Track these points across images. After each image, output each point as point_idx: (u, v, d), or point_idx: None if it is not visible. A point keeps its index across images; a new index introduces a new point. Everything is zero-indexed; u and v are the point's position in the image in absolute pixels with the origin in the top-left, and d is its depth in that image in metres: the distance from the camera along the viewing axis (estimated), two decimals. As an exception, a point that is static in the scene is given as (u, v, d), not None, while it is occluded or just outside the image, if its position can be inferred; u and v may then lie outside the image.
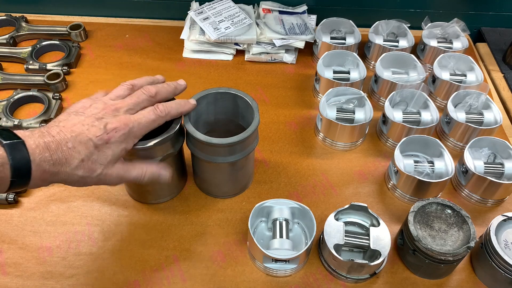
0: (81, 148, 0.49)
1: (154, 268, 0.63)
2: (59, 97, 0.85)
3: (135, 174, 0.55)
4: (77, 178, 0.49)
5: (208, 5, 1.00)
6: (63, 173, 0.48)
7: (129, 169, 0.54)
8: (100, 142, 0.50)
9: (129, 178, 0.55)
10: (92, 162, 0.50)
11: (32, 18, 1.05)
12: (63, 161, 0.48)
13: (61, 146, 0.48)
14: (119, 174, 0.53)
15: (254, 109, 0.64)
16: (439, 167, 0.71)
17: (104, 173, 0.51)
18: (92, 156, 0.50)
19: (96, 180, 0.51)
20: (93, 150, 0.50)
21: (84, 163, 0.49)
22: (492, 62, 1.01)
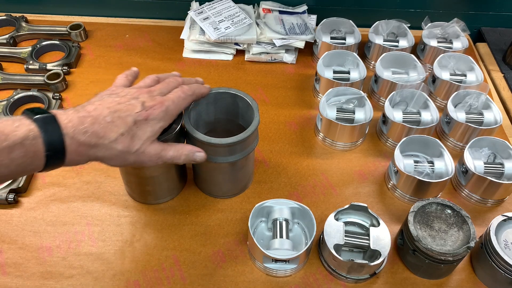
0: (120, 123, 0.49)
1: (154, 268, 0.63)
2: (59, 97, 0.85)
3: (171, 154, 0.55)
4: (116, 152, 0.49)
5: (208, 5, 1.00)
6: (102, 146, 0.48)
7: (166, 148, 0.55)
8: (139, 118, 0.50)
9: (166, 157, 0.55)
10: (131, 137, 0.50)
11: (32, 18, 1.05)
12: (101, 134, 0.48)
13: (99, 120, 0.48)
14: (157, 151, 0.53)
15: (254, 109, 0.64)
16: (439, 167, 0.71)
17: (143, 149, 0.51)
18: (132, 131, 0.50)
19: (134, 156, 0.51)
20: (132, 126, 0.50)
21: (123, 137, 0.49)
22: (492, 62, 1.01)
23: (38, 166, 0.45)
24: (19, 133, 0.43)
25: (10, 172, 0.43)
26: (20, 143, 0.42)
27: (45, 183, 0.72)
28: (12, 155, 0.42)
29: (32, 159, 0.43)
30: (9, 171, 0.43)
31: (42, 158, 0.44)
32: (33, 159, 0.44)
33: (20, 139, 0.42)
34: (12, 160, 0.42)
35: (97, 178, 0.73)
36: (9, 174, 0.43)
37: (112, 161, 0.51)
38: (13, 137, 0.42)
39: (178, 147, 0.56)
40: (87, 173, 0.74)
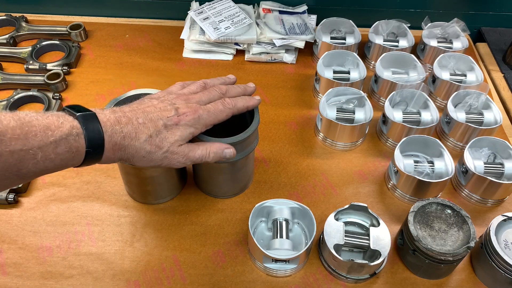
0: (151, 125, 0.51)
1: (154, 268, 0.63)
2: (59, 97, 0.85)
3: (199, 153, 0.56)
4: (144, 153, 0.51)
5: (208, 5, 1.00)
6: (132, 147, 0.50)
7: (194, 148, 0.56)
8: (170, 123, 0.52)
9: (194, 157, 0.55)
10: (160, 139, 0.52)
11: (32, 18, 1.05)
12: (133, 135, 0.49)
13: (132, 120, 0.50)
14: (185, 152, 0.54)
15: (254, 109, 0.64)
16: (439, 167, 0.71)
17: (171, 151, 0.53)
18: (161, 134, 0.52)
19: (161, 157, 0.52)
20: (162, 129, 0.52)
21: (152, 139, 0.51)
22: (492, 62, 1.01)
23: (78, 161, 0.46)
24: (64, 129, 0.44)
25: (54, 166, 0.44)
26: (65, 139, 0.44)
27: (45, 183, 0.72)
28: (58, 150, 0.44)
29: (74, 155, 0.45)
30: (53, 165, 0.44)
31: (83, 154, 0.46)
32: (75, 155, 0.45)
33: (65, 135, 0.44)
34: (57, 154, 0.44)
35: (97, 178, 0.73)
36: (52, 168, 0.44)
37: (140, 162, 0.52)
38: (59, 133, 0.44)
39: (207, 145, 0.57)
40: (87, 173, 0.74)
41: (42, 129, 0.43)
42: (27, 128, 0.42)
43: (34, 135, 0.42)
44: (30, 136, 0.42)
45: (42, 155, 0.42)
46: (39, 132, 0.42)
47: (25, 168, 0.42)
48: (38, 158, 0.42)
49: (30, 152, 0.42)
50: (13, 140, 0.41)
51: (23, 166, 0.42)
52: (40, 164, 0.43)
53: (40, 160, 0.43)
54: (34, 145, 0.42)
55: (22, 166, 0.42)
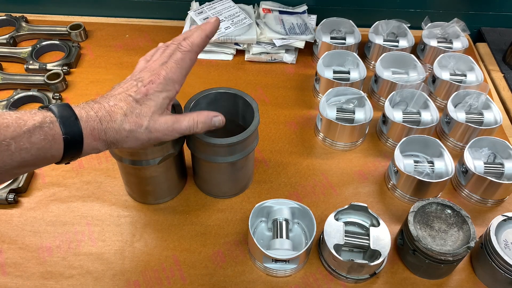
0: (122, 104, 0.50)
1: (154, 268, 0.63)
2: (59, 97, 0.85)
3: (186, 124, 0.55)
4: (126, 133, 0.50)
5: (208, 5, 1.00)
6: (111, 130, 0.49)
7: (179, 119, 0.54)
8: (139, 96, 0.51)
9: (181, 128, 0.54)
10: (136, 115, 0.51)
11: (32, 18, 1.05)
12: (108, 118, 0.49)
13: (103, 105, 0.50)
14: (169, 125, 0.53)
15: (254, 109, 0.64)
16: (439, 167, 0.71)
17: (152, 125, 0.52)
18: (135, 110, 0.51)
19: (146, 133, 0.52)
20: (134, 105, 0.51)
21: (128, 117, 0.50)
22: (492, 62, 1.01)
23: (58, 151, 0.46)
24: (37, 117, 0.44)
25: (32, 157, 0.44)
26: (39, 127, 0.44)
27: (45, 183, 0.72)
28: (32, 139, 0.43)
29: (51, 143, 0.45)
30: (30, 155, 0.43)
31: (60, 142, 0.45)
32: (52, 143, 0.45)
33: (38, 123, 0.44)
34: (33, 144, 0.43)
35: (97, 178, 0.73)
36: (31, 159, 0.44)
37: (126, 143, 0.51)
38: (31, 122, 0.43)
39: (193, 115, 0.56)
40: (87, 173, 0.74)
41: (14, 120, 0.42)
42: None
43: (6, 126, 0.42)
44: (2, 128, 0.41)
45: (16, 145, 0.42)
46: (11, 124, 0.42)
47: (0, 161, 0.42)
48: (12, 149, 0.42)
49: (3, 143, 0.41)
50: None
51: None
52: (16, 155, 0.42)
53: (15, 151, 0.42)
54: (6, 136, 0.42)
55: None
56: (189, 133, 0.56)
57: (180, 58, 0.55)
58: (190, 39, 0.56)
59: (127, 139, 0.51)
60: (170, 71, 0.54)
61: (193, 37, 0.56)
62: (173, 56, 0.55)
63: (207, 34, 0.57)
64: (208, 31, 0.57)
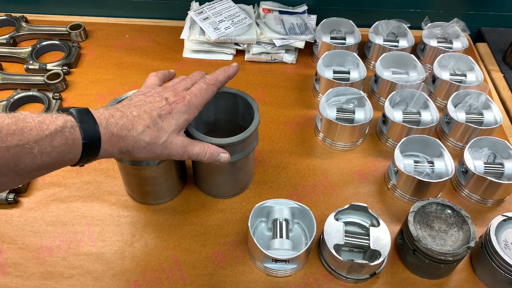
0: (146, 116, 0.52)
1: (154, 268, 0.63)
2: (59, 97, 0.85)
3: (197, 150, 0.58)
4: (144, 144, 0.52)
5: (208, 5, 1.00)
6: (131, 138, 0.51)
7: (192, 143, 0.57)
8: (163, 112, 0.54)
9: (192, 152, 0.57)
10: (157, 129, 0.53)
11: (32, 18, 1.05)
12: (129, 127, 0.51)
13: (126, 114, 0.51)
14: (183, 145, 0.56)
15: (254, 109, 0.64)
16: (439, 167, 0.71)
17: (169, 141, 0.54)
18: (157, 124, 0.53)
19: (162, 148, 0.54)
20: (157, 119, 0.53)
21: (149, 130, 0.52)
22: (492, 62, 1.01)
23: (76, 155, 0.47)
24: (59, 122, 0.45)
25: (52, 161, 0.45)
26: (61, 131, 0.45)
27: (45, 183, 0.72)
28: (54, 143, 0.44)
29: (70, 147, 0.46)
30: (50, 159, 0.44)
31: (79, 146, 0.46)
32: (71, 148, 0.46)
33: (60, 128, 0.45)
34: (54, 148, 0.44)
35: (97, 178, 0.73)
36: (50, 163, 0.45)
37: (141, 153, 0.53)
38: (53, 126, 0.44)
39: (205, 145, 0.59)
40: (87, 173, 0.74)
41: (37, 124, 0.43)
42: (22, 124, 0.42)
43: (30, 129, 0.43)
44: (26, 131, 0.42)
45: (38, 149, 0.43)
46: (34, 127, 0.43)
47: (22, 164, 0.42)
48: (35, 152, 0.43)
49: (27, 146, 0.42)
50: (9, 135, 0.41)
51: (20, 162, 0.42)
52: (37, 158, 0.43)
53: (37, 154, 0.43)
54: (30, 139, 0.42)
55: (19, 161, 0.42)
56: (195, 159, 0.58)
57: (204, 88, 0.59)
58: (214, 75, 0.62)
59: (144, 150, 0.53)
60: (194, 97, 0.58)
61: (218, 74, 0.63)
62: (196, 85, 0.59)
63: (229, 75, 0.64)
64: (231, 73, 0.65)
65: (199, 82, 0.60)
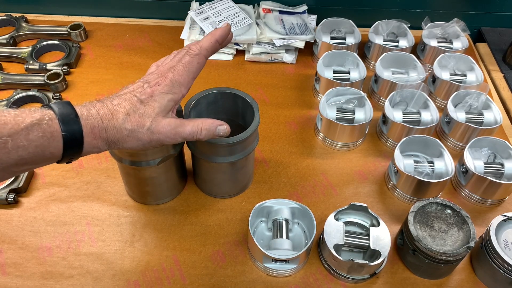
0: (126, 104, 0.50)
1: (154, 268, 0.63)
2: (59, 97, 0.85)
3: (189, 129, 0.54)
4: (127, 132, 0.49)
5: (208, 5, 1.00)
6: (112, 128, 0.49)
7: (184, 123, 0.54)
8: (144, 96, 0.51)
9: (184, 133, 0.53)
10: (139, 115, 0.50)
11: (32, 18, 1.05)
12: (109, 116, 0.48)
13: (106, 104, 0.49)
14: (172, 127, 0.52)
15: (254, 109, 0.64)
16: (439, 167, 0.71)
17: (155, 125, 0.51)
18: (139, 110, 0.50)
19: (148, 134, 0.51)
20: (138, 105, 0.50)
21: (130, 117, 0.49)
22: (492, 62, 1.01)
23: (57, 149, 0.45)
24: (36, 115, 0.44)
25: (29, 155, 0.43)
26: (37, 124, 0.43)
27: (45, 183, 0.72)
28: (30, 136, 0.43)
29: (50, 141, 0.44)
30: (27, 153, 0.43)
31: (59, 139, 0.45)
32: (50, 141, 0.44)
33: (37, 120, 0.43)
34: (30, 141, 0.43)
35: (97, 178, 0.73)
36: (28, 157, 0.43)
37: (127, 143, 0.51)
38: (29, 119, 0.43)
39: (198, 121, 0.55)
40: (87, 173, 0.74)
41: (13, 118, 0.42)
42: None
43: (4, 124, 0.42)
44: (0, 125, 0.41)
45: (13, 143, 0.42)
46: (9, 121, 0.42)
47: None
48: (9, 146, 0.41)
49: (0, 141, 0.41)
50: None
51: None
52: (13, 153, 0.42)
53: (12, 148, 0.42)
54: (3, 134, 0.41)
55: None
56: (192, 139, 0.55)
57: (188, 61, 0.55)
58: (199, 43, 0.57)
59: (128, 139, 0.50)
60: (177, 74, 0.53)
61: (203, 41, 0.57)
62: (181, 60, 0.55)
63: (217, 38, 0.57)
64: (218, 36, 0.57)
65: (184, 56, 0.55)
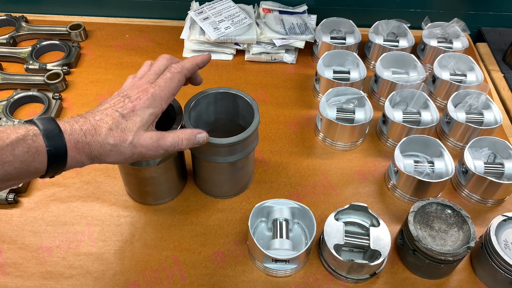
0: (108, 119, 0.50)
1: (154, 268, 0.63)
2: (59, 97, 0.85)
3: (170, 141, 0.54)
4: (109, 147, 0.50)
5: (208, 5, 1.00)
6: (96, 143, 0.49)
7: (164, 136, 0.54)
8: (125, 111, 0.52)
9: (165, 145, 0.54)
10: (121, 130, 0.51)
11: (32, 18, 1.05)
12: (92, 132, 0.49)
13: (89, 119, 0.50)
14: (154, 140, 0.53)
15: (254, 109, 0.64)
16: (439, 167, 0.71)
17: (136, 140, 0.51)
18: (121, 125, 0.51)
19: (130, 148, 0.51)
20: (120, 120, 0.51)
21: (113, 132, 0.50)
22: (492, 62, 1.01)
23: (42, 164, 0.45)
24: (21, 131, 0.44)
25: (15, 170, 0.44)
26: (22, 139, 0.44)
27: (45, 183, 0.72)
28: (15, 151, 0.43)
29: (34, 156, 0.45)
30: (13, 169, 0.43)
31: (44, 154, 0.45)
32: (35, 156, 0.45)
33: (22, 136, 0.44)
34: (16, 156, 0.43)
35: (97, 178, 0.73)
36: (14, 173, 0.44)
37: (109, 158, 0.51)
38: (14, 135, 0.44)
39: (178, 132, 0.56)
40: (87, 173, 0.74)
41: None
42: None
43: None
44: None
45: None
46: None
47: None
48: None
49: None
50: None
51: None
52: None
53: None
54: None
55: None
56: (173, 150, 0.55)
57: (170, 78, 0.56)
58: (181, 63, 0.58)
59: (111, 153, 0.51)
60: (158, 89, 0.54)
61: (184, 62, 0.59)
62: (162, 76, 0.56)
63: (198, 63, 0.60)
64: (199, 61, 0.60)
65: (165, 73, 0.56)
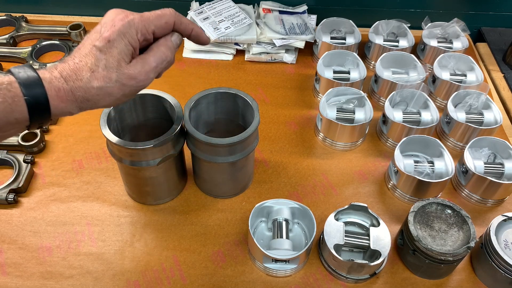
0: (87, 59, 0.46)
1: (154, 268, 0.63)
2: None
3: (154, 60, 0.49)
4: (95, 91, 0.46)
5: (208, 5, 1.00)
6: (79, 89, 0.45)
7: (145, 59, 0.49)
8: (102, 43, 0.46)
9: (152, 66, 0.49)
10: (102, 69, 0.46)
11: (32, 18, 1.05)
12: (73, 77, 0.45)
13: (68, 62, 0.46)
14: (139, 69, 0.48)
15: (254, 109, 0.64)
16: (439, 167, 0.71)
17: (121, 77, 0.47)
18: (101, 63, 0.46)
19: (119, 86, 0.47)
20: (99, 55, 0.46)
21: (95, 74, 0.46)
22: (492, 62, 1.01)
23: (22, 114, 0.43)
24: None
25: None
26: None
27: (45, 183, 0.72)
28: None
29: (11, 106, 0.42)
30: None
31: (22, 104, 0.43)
32: (12, 106, 0.42)
33: None
34: None
35: (97, 178, 0.73)
36: None
37: (100, 101, 0.47)
38: None
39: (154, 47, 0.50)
40: (87, 173, 0.74)
41: None
42: None
43: None
44: None
45: None
46: None
47: None
48: None
49: None
50: None
51: None
52: None
53: None
54: None
55: None
56: (163, 66, 0.50)
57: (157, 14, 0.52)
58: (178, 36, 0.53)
59: (99, 97, 0.46)
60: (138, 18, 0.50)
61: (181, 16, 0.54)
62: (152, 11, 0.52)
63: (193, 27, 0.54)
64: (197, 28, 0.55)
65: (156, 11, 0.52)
